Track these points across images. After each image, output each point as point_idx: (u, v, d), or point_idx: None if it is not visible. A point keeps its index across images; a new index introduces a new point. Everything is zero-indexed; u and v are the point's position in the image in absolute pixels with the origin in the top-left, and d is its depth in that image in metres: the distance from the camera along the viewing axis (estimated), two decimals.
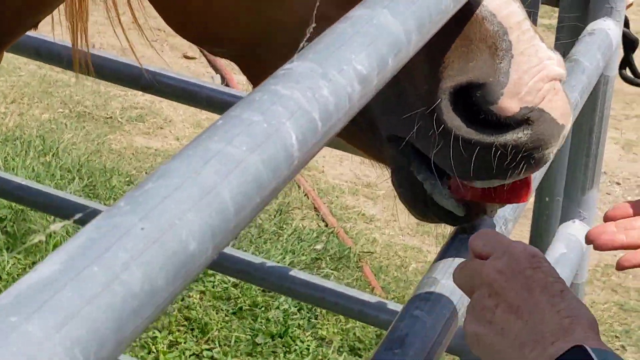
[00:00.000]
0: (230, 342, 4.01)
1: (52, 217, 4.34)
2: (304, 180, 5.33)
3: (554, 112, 1.35)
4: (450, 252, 1.54)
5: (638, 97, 6.46)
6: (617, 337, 4.45)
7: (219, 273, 4.09)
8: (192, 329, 4.06)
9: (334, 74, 0.88)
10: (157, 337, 3.96)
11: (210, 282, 4.28)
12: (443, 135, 1.37)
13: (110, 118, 5.81)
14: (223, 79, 6.28)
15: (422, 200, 1.48)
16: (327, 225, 4.97)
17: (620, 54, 2.42)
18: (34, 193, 3.25)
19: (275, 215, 4.92)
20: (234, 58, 1.68)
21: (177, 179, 0.70)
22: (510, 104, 1.34)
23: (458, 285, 1.30)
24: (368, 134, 1.51)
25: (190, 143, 0.75)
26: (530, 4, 2.00)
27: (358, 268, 4.67)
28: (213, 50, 1.78)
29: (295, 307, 4.20)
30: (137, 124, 5.79)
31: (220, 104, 2.72)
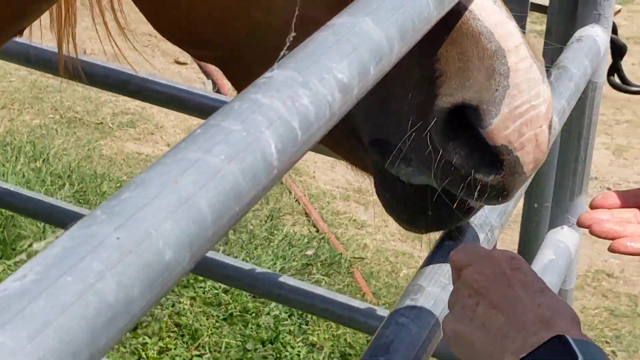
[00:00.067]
0: (221, 348, 4.00)
1: (42, 223, 4.33)
2: (295, 186, 5.32)
3: (527, 165, 1.39)
4: (436, 259, 1.54)
5: (628, 102, 6.47)
6: (607, 342, 4.46)
7: (210, 279, 4.08)
8: (182, 335, 4.05)
9: (315, 83, 0.88)
10: (147, 343, 3.95)
11: (201, 288, 4.27)
12: (432, 151, 1.39)
13: (101, 124, 5.80)
14: (214, 85, 6.27)
15: (404, 203, 1.49)
16: (318, 231, 4.97)
17: (609, 61, 2.43)
18: (24, 199, 3.25)
19: (266, 221, 4.92)
20: (220, 63, 1.68)
21: (154, 188, 0.70)
22: (496, 136, 1.36)
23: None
24: (351, 141, 1.51)
25: (169, 152, 0.75)
26: (520, 10, 2.01)
27: (349, 274, 4.67)
28: (199, 55, 1.78)
29: (286, 313, 4.19)
30: (128, 130, 5.78)
31: (210, 111, 2.70)
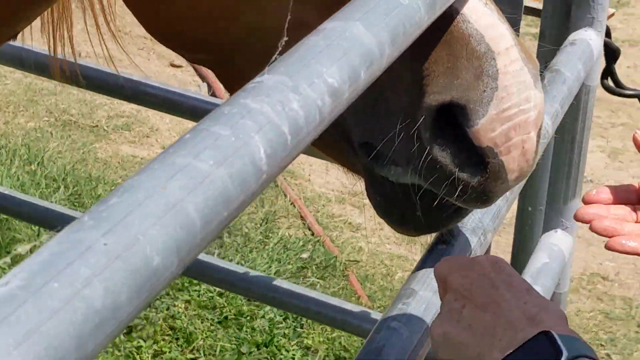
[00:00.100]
0: (216, 351, 4.00)
1: (36, 227, 4.33)
2: (290, 189, 5.32)
3: (511, 172, 1.38)
4: (429, 263, 1.54)
5: (624, 105, 6.48)
6: (602, 345, 4.46)
7: (204, 283, 4.08)
8: (177, 339, 4.05)
9: (305, 87, 0.88)
10: (142, 346, 3.94)
11: (196, 291, 4.27)
12: (419, 150, 1.38)
13: (96, 127, 5.80)
14: (210, 88, 6.27)
15: (393, 204, 1.49)
16: (313, 234, 4.97)
17: (603, 64, 2.43)
18: (19, 203, 3.24)
19: (262, 224, 4.92)
20: (213, 66, 1.67)
21: (142, 194, 0.70)
22: (482, 137, 1.35)
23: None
24: (341, 144, 1.51)
25: (157, 157, 0.75)
26: (514, 13, 2.01)
27: (344, 277, 4.67)
28: (192, 58, 1.77)
29: (281, 316, 4.19)
30: (123, 133, 5.78)
31: (205, 114, 2.69)
